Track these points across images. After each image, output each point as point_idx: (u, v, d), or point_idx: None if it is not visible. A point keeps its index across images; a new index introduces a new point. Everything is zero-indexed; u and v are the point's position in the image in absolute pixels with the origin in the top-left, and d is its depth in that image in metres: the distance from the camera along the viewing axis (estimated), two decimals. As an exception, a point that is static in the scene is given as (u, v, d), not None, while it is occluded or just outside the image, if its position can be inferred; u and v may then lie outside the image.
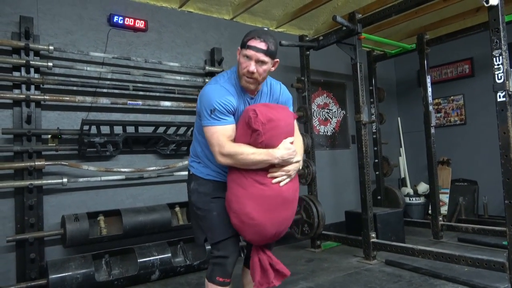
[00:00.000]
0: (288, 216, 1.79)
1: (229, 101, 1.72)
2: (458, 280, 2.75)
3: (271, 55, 1.73)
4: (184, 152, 3.63)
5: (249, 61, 1.70)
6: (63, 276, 2.77)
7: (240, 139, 1.71)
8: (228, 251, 1.80)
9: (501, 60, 2.50)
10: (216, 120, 1.69)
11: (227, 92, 1.74)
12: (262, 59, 1.70)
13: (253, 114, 1.64)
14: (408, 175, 5.48)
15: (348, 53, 3.43)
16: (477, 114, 4.82)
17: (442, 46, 4.29)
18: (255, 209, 1.68)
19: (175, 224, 3.38)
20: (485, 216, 4.61)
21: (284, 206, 1.75)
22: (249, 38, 1.71)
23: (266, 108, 1.70)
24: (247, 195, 1.69)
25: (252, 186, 1.69)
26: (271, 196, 1.70)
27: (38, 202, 2.90)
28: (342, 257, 3.65)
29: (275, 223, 1.73)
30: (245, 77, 1.73)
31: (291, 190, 1.77)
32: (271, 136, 1.67)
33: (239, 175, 1.73)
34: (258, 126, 1.63)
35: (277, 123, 1.68)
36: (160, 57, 3.61)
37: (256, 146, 1.66)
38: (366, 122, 3.44)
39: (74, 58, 3.19)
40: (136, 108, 3.44)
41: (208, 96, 1.72)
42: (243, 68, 1.72)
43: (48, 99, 2.92)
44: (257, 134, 1.64)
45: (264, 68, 1.73)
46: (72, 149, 3.07)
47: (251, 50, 1.69)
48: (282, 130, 1.72)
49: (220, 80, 1.80)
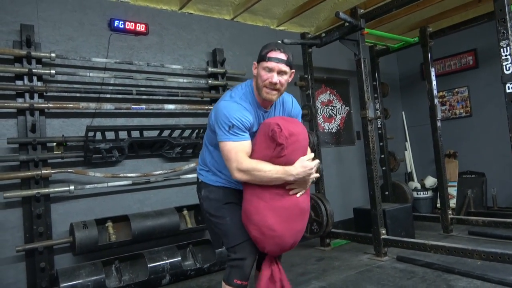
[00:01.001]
0: (304, 226, 1.84)
1: (247, 117, 1.74)
2: (472, 274, 2.72)
3: (291, 65, 1.78)
4: (190, 154, 3.61)
5: (271, 72, 1.73)
6: (74, 284, 2.75)
7: (261, 152, 1.72)
8: (245, 253, 1.80)
9: (508, 50, 2.47)
10: (234, 136, 1.70)
11: (244, 109, 1.75)
12: (284, 70, 1.74)
13: (278, 128, 1.66)
14: (414, 169, 5.45)
15: (351, 49, 3.40)
16: (483, 106, 4.78)
17: (444, 38, 4.26)
18: (276, 221, 1.72)
19: (183, 228, 3.36)
20: (495, 208, 4.57)
21: (301, 217, 1.80)
22: (268, 51, 1.74)
23: (286, 122, 1.72)
24: (268, 207, 1.72)
25: (273, 199, 1.72)
26: (290, 207, 1.74)
27: (46, 210, 2.88)
28: (352, 254, 3.63)
29: (293, 234, 1.78)
30: (266, 89, 1.74)
31: (306, 201, 1.82)
32: (292, 150, 1.69)
33: (258, 188, 1.74)
34: (282, 140, 1.65)
35: (297, 137, 1.71)
36: (162, 60, 3.59)
37: (278, 159, 1.68)
38: (372, 118, 3.41)
39: (76, 65, 3.18)
40: (140, 112, 3.42)
41: (226, 112, 1.72)
42: (264, 80, 1.73)
43: (52, 106, 2.91)
44: (281, 148, 1.66)
45: (285, 79, 1.76)
46: (78, 156, 3.05)
47: (273, 62, 1.72)
48: (301, 144, 1.75)
49: (235, 96, 1.79)
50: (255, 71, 1.79)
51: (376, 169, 3.44)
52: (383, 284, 2.76)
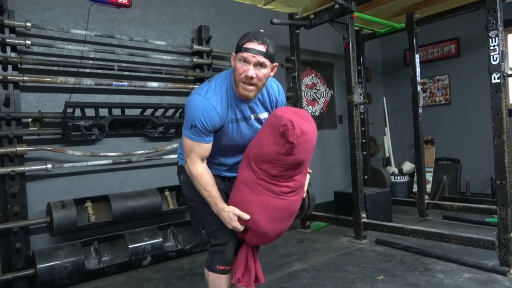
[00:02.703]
0: (288, 226, 1.81)
1: (212, 121, 1.61)
2: (449, 258, 2.82)
3: (271, 57, 1.59)
4: (173, 134, 3.53)
5: (247, 65, 1.56)
6: (52, 265, 2.68)
7: (268, 147, 1.61)
8: (226, 238, 1.76)
9: (497, 41, 2.49)
10: (194, 136, 1.63)
11: (213, 110, 1.60)
12: (262, 61, 1.56)
13: (291, 125, 1.54)
14: (392, 155, 5.56)
15: (340, 32, 3.36)
16: (462, 94, 4.89)
17: (428, 25, 4.27)
18: (263, 218, 1.66)
19: (165, 209, 3.31)
20: (468, 194, 4.75)
21: (289, 218, 1.76)
22: (246, 41, 1.56)
23: (300, 119, 1.59)
24: (258, 202, 1.65)
25: (265, 194, 1.65)
26: (281, 207, 1.68)
27: (21, 189, 2.75)
28: (332, 237, 3.69)
29: (276, 233, 1.75)
30: (242, 84, 1.58)
31: (298, 203, 1.76)
32: (302, 150, 1.59)
33: (252, 178, 1.67)
34: (293, 139, 1.54)
35: (308, 137, 1.59)
36: (145, 35, 3.44)
37: (285, 157, 1.59)
38: (358, 103, 3.41)
39: (54, 36, 2.99)
40: (121, 89, 3.29)
41: (193, 110, 1.61)
42: (240, 73, 1.56)
43: (28, 80, 2.74)
44: (291, 147, 1.56)
45: (263, 73, 1.59)
46: (56, 133, 2.91)
47: (249, 53, 1.54)
48: (311, 144, 1.65)
49: (210, 91, 1.63)
50: (233, 63, 1.62)
51: (359, 154, 3.48)
52: (364, 267, 2.83)
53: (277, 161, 1.60)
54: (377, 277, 2.61)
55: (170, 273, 2.94)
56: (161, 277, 2.87)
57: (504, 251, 2.54)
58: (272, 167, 1.62)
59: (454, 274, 2.58)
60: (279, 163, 1.61)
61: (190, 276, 2.85)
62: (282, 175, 1.63)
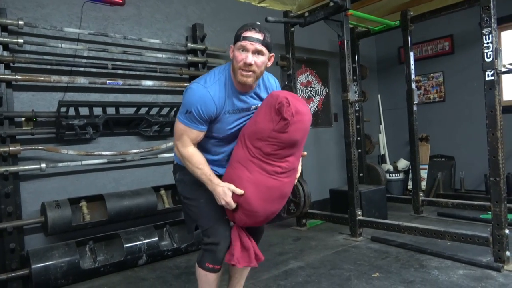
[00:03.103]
0: (279, 209, 1.81)
1: (208, 109, 1.65)
2: (443, 255, 2.84)
3: (268, 46, 1.65)
4: (168, 133, 3.51)
5: (245, 52, 1.62)
6: (47, 265, 2.66)
7: (264, 124, 1.65)
8: (219, 237, 1.77)
9: (490, 38, 2.50)
10: (188, 121, 1.67)
11: (211, 99, 1.65)
12: (260, 49, 1.62)
13: (286, 102, 1.58)
14: (387, 152, 5.58)
15: (335, 30, 3.36)
16: (456, 92, 4.91)
17: (422, 23, 4.28)
18: (254, 195, 1.67)
19: (160, 208, 3.31)
20: (462, 191, 4.78)
21: (279, 200, 1.77)
22: (244, 30, 1.63)
23: (295, 99, 1.64)
24: (251, 179, 1.67)
25: (258, 172, 1.68)
26: (273, 187, 1.70)
27: (14, 189, 2.73)
28: (328, 234, 3.70)
29: (267, 213, 1.75)
30: (241, 71, 1.63)
31: (290, 186, 1.78)
32: (296, 129, 1.63)
33: (245, 156, 1.70)
34: (288, 116, 1.58)
35: (302, 117, 1.64)
36: (139, 33, 3.42)
37: (280, 134, 1.62)
38: (353, 100, 3.42)
39: (47, 34, 2.96)
40: (116, 88, 3.26)
41: (190, 97, 1.66)
42: (239, 61, 1.62)
43: (20, 79, 2.71)
44: (285, 124, 1.59)
45: (262, 60, 1.65)
46: (49, 132, 2.89)
47: (247, 41, 1.61)
48: (305, 126, 1.69)
49: (209, 80, 1.69)
50: (232, 54, 1.69)
51: (355, 152, 3.48)
52: (359, 264, 2.84)
53: (272, 138, 1.63)
54: (372, 274, 2.62)
55: (166, 272, 2.93)
56: (157, 276, 2.86)
57: (498, 247, 2.55)
58: (266, 145, 1.65)
59: (449, 270, 2.60)
60: (273, 141, 1.64)
61: (186, 275, 2.84)
62: (275, 153, 1.66)
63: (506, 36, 4.52)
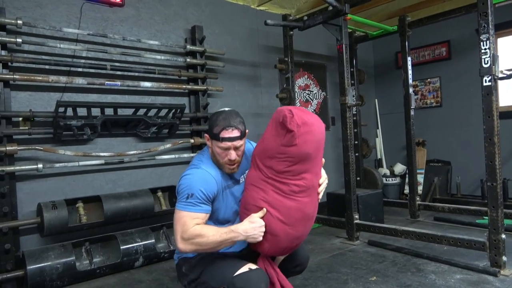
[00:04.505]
0: (304, 234, 1.70)
1: (211, 189, 1.64)
2: (440, 259, 2.85)
3: (244, 135, 1.70)
4: (166, 135, 3.50)
5: (227, 151, 1.66)
6: (42, 266, 2.63)
7: (272, 141, 1.61)
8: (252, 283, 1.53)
9: (488, 44, 2.52)
10: (191, 206, 1.58)
11: (212, 178, 1.66)
12: (240, 145, 1.67)
13: (289, 114, 1.55)
14: (384, 156, 5.60)
15: (334, 34, 3.38)
16: (452, 97, 4.95)
17: (419, 28, 4.32)
18: (272, 217, 1.59)
19: (157, 210, 3.29)
20: (458, 195, 4.80)
21: (303, 223, 1.65)
22: (220, 130, 1.63)
23: (299, 111, 1.60)
24: (266, 199, 1.60)
25: (274, 191, 1.60)
26: (292, 208, 1.60)
27: (11, 189, 2.71)
28: (325, 238, 3.70)
29: (290, 238, 1.64)
30: (227, 166, 1.70)
31: (313, 207, 1.69)
32: (305, 141, 1.55)
33: (259, 177, 1.64)
34: (293, 127, 1.53)
35: (310, 128, 1.58)
36: (138, 34, 3.42)
37: (289, 148, 1.56)
38: (351, 104, 3.43)
39: (46, 34, 2.96)
40: (114, 89, 3.26)
41: (189, 180, 1.62)
42: (223, 158, 1.67)
43: (18, 78, 2.70)
44: (292, 136, 1.54)
45: (242, 150, 1.71)
46: (47, 132, 2.88)
47: (227, 142, 1.64)
48: (316, 137, 1.61)
49: (202, 164, 1.70)
50: (209, 143, 1.71)
51: (352, 155, 3.49)
52: (356, 268, 2.84)
53: (281, 154, 1.57)
54: (370, 278, 2.62)
55: (163, 274, 2.91)
56: (153, 278, 2.84)
57: (495, 252, 2.56)
58: (277, 162, 1.59)
59: (446, 275, 2.60)
60: (283, 157, 1.57)
61: (182, 277, 2.82)
62: (289, 170, 1.59)
63: (502, 43, 4.57)
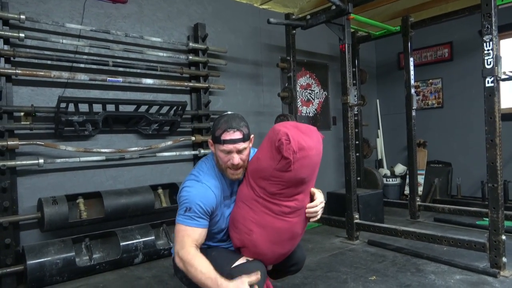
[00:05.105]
0: (289, 251, 1.71)
1: (210, 204, 1.61)
2: (440, 259, 2.84)
3: (248, 138, 1.67)
4: (167, 132, 3.50)
5: (230, 154, 1.63)
6: (42, 261, 2.63)
7: (265, 162, 1.57)
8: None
9: (491, 45, 2.52)
10: (189, 220, 1.57)
11: (211, 193, 1.63)
12: (243, 148, 1.64)
13: (286, 140, 1.48)
14: (385, 157, 5.59)
15: (337, 34, 3.37)
16: (454, 98, 4.94)
17: (422, 29, 4.31)
18: (261, 238, 1.59)
19: (158, 207, 3.29)
20: (458, 197, 4.80)
21: (290, 241, 1.66)
22: (221, 132, 1.62)
23: (298, 133, 1.54)
24: (256, 220, 1.59)
25: (263, 212, 1.59)
26: (281, 229, 1.60)
27: (11, 184, 2.71)
28: (324, 237, 3.70)
29: (275, 256, 1.67)
30: (230, 170, 1.66)
31: (302, 225, 1.68)
32: (301, 166, 1.52)
33: (250, 196, 1.62)
34: (289, 155, 1.48)
35: (308, 152, 1.53)
36: (141, 31, 3.41)
37: (283, 173, 1.53)
38: (353, 104, 3.43)
39: (48, 30, 2.96)
40: (116, 85, 3.25)
41: (188, 193, 1.60)
42: (225, 162, 1.64)
43: (20, 73, 2.70)
44: (287, 163, 1.50)
45: (246, 154, 1.67)
46: (48, 128, 2.88)
47: (229, 144, 1.61)
48: (312, 161, 1.58)
49: (202, 176, 1.67)
50: (212, 148, 1.69)
51: (353, 155, 3.49)
52: (356, 267, 2.83)
53: (274, 177, 1.54)
54: (369, 277, 2.62)
55: (163, 271, 2.91)
56: (153, 275, 2.84)
57: (495, 253, 2.56)
58: (270, 184, 1.56)
59: (446, 275, 2.60)
60: (276, 180, 1.55)
61: (182, 274, 2.82)
62: (281, 193, 1.57)
63: (505, 45, 4.56)
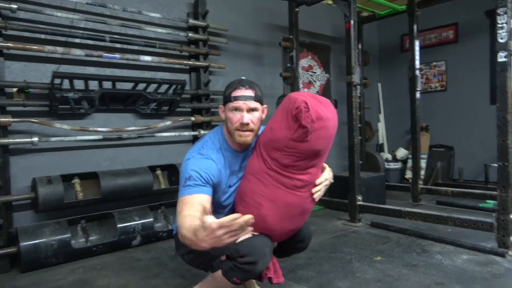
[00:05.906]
0: (298, 227, 1.65)
1: (211, 171, 1.49)
2: (446, 240, 2.79)
3: (260, 100, 1.58)
4: (166, 112, 3.40)
5: (240, 112, 1.53)
6: (36, 243, 2.54)
7: (280, 132, 1.47)
8: (256, 254, 1.47)
9: (505, 18, 2.42)
10: (188, 189, 1.43)
11: (212, 162, 1.52)
12: (254, 106, 1.55)
13: (305, 107, 1.39)
14: (386, 141, 5.52)
15: (342, 10, 3.26)
16: (458, 81, 4.85)
17: (426, 10, 4.20)
18: (271, 213, 1.50)
19: (156, 188, 3.21)
20: (460, 181, 4.75)
21: (300, 217, 1.59)
22: (232, 90, 1.54)
23: (316, 103, 1.45)
24: (266, 194, 1.51)
25: (274, 185, 1.50)
26: (292, 204, 1.52)
27: (4, 163, 2.60)
28: (326, 220, 3.64)
29: (284, 232, 1.59)
30: (238, 132, 1.54)
31: (313, 201, 1.60)
32: (318, 137, 1.43)
33: (261, 168, 1.52)
34: (307, 123, 1.39)
35: (325, 123, 1.44)
36: (139, 6, 3.28)
37: (299, 144, 1.44)
38: (358, 83, 3.33)
39: (42, 2, 2.82)
40: (113, 62, 3.14)
41: (189, 165, 1.49)
42: (234, 122, 1.54)
43: (12, 47, 2.57)
44: (304, 132, 1.41)
45: (257, 117, 1.57)
46: (42, 105, 2.77)
47: (239, 101, 1.52)
48: (329, 133, 1.49)
49: (203, 149, 1.57)
50: (223, 115, 1.60)
51: (357, 137, 3.41)
52: (360, 248, 2.77)
53: (289, 148, 1.46)
54: (374, 257, 2.55)
55: (162, 253, 2.84)
56: (152, 257, 2.77)
57: (503, 233, 2.50)
58: (284, 156, 1.48)
59: (452, 255, 2.55)
60: (291, 151, 1.46)
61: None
62: (294, 165, 1.49)
63: None
